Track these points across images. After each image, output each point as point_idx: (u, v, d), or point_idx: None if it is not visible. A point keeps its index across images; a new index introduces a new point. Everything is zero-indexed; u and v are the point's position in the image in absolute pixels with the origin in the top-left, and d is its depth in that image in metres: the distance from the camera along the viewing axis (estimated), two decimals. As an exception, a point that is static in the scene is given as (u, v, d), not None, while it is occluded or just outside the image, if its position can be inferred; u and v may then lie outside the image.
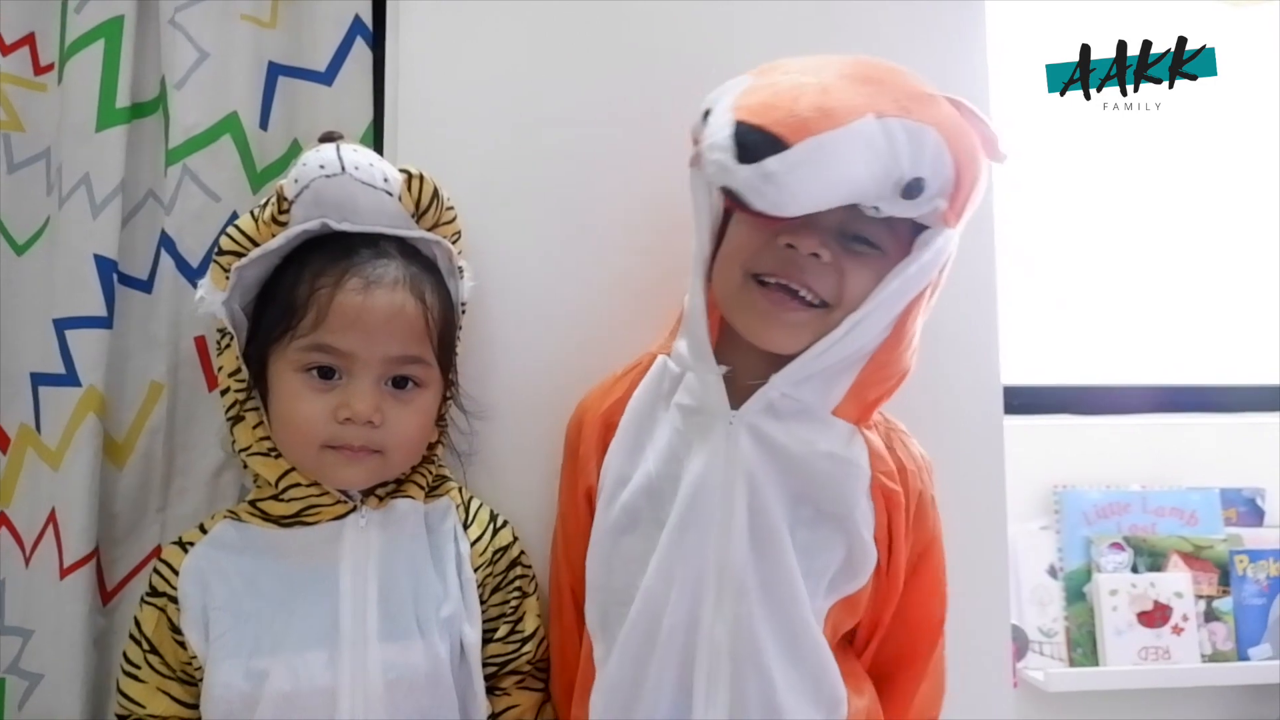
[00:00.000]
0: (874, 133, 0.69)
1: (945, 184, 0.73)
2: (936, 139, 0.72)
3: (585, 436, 0.84)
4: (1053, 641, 1.46)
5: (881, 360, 0.78)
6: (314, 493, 0.80)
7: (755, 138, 0.66)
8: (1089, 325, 1.65)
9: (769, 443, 0.77)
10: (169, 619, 0.80)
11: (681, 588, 0.75)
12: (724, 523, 0.75)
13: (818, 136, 0.67)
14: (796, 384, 0.77)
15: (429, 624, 0.79)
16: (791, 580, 0.75)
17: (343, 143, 0.81)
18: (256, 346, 0.81)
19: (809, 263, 0.74)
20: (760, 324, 0.76)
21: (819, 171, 0.68)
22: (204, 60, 0.95)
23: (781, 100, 0.68)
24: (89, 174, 0.91)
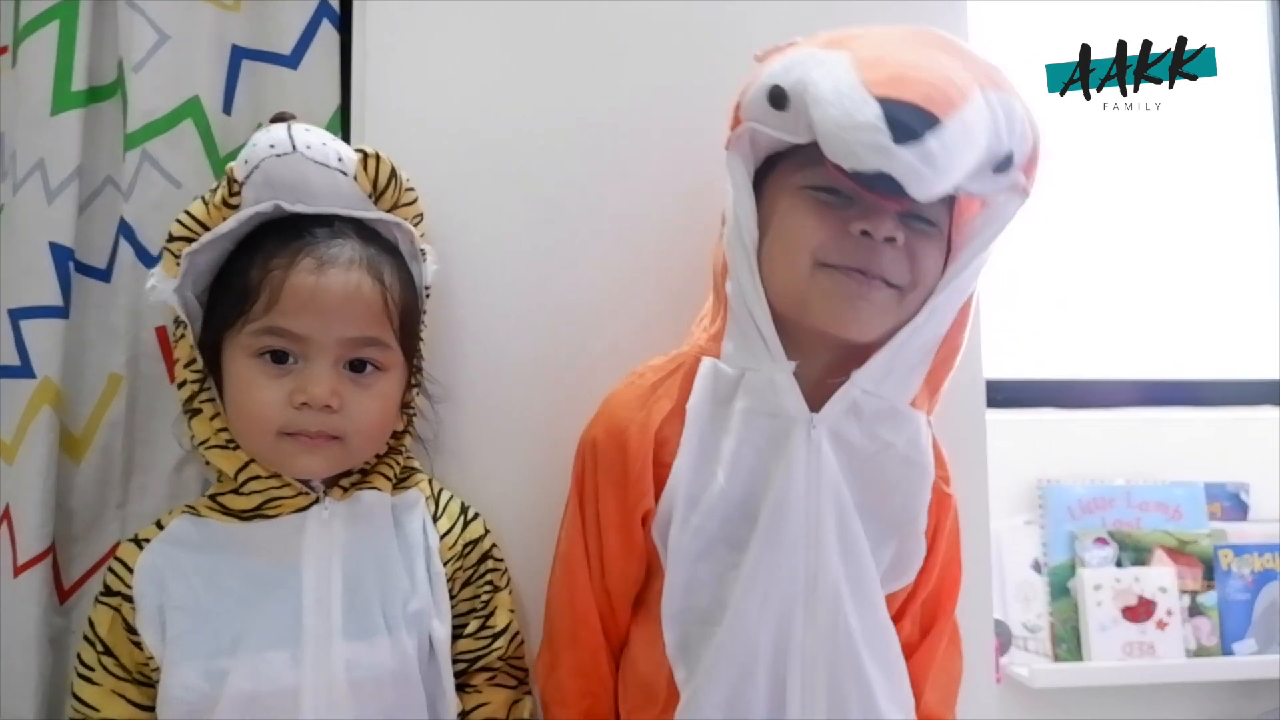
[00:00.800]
0: (982, 108, 0.66)
1: (1026, 156, 0.71)
2: (1023, 110, 0.69)
3: (635, 455, 0.76)
4: (1037, 637, 1.45)
5: (953, 342, 0.76)
6: (274, 485, 0.78)
7: (910, 114, 0.61)
8: (1074, 319, 1.65)
9: (848, 447, 0.74)
10: (124, 619, 0.77)
11: (772, 604, 0.73)
12: (813, 534, 0.73)
13: (960, 111, 0.62)
14: (879, 380, 0.74)
15: (396, 620, 0.77)
16: (874, 585, 0.74)
17: (295, 123, 0.78)
18: (210, 335, 0.78)
19: (885, 248, 0.71)
20: (842, 308, 0.72)
21: (965, 149, 0.63)
22: (164, 42, 0.92)
23: (910, 72, 0.63)
24: (44, 159, 0.88)
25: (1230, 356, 1.68)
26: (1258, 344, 1.68)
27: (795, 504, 0.72)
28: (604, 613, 0.80)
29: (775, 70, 0.70)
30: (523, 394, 0.89)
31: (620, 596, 0.80)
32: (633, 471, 0.77)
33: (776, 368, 0.74)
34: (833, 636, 0.73)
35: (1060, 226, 1.63)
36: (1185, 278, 1.67)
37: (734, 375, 0.75)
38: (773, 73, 0.70)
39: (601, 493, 0.79)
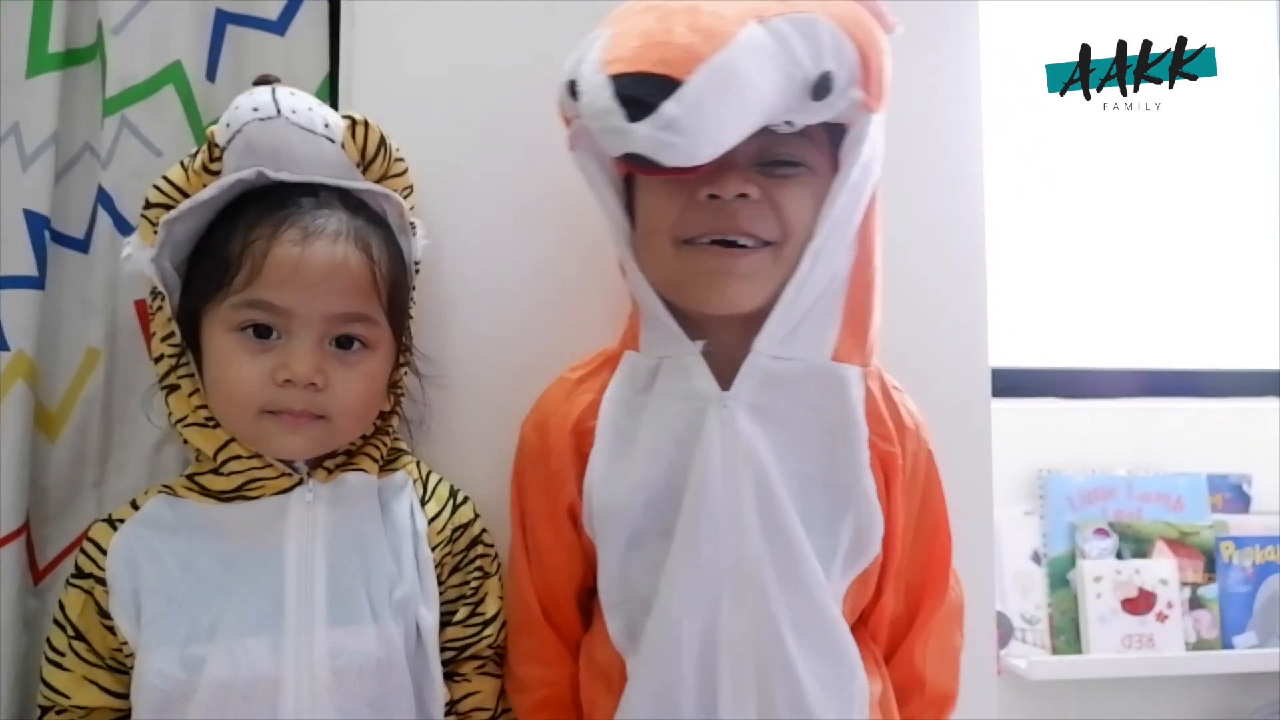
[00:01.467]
0: (763, 39, 0.61)
1: (853, 70, 0.66)
2: (829, 26, 0.64)
3: (555, 449, 0.76)
4: (1035, 629, 1.43)
5: (860, 283, 0.72)
6: (256, 465, 0.75)
7: (641, 87, 0.57)
8: (1076, 308, 1.63)
9: (774, 418, 0.70)
10: (96, 602, 0.74)
11: (696, 591, 0.70)
12: (733, 517, 0.69)
13: (708, 61, 0.58)
14: (784, 341, 0.70)
15: (382, 606, 0.74)
16: (808, 567, 0.70)
17: (279, 86, 0.75)
18: (189, 307, 0.75)
19: (739, 206, 0.67)
20: (711, 287, 0.69)
21: (724, 99, 0.59)
22: (144, 5, 0.88)
23: (653, 36, 0.59)
24: (19, 124, 0.85)
25: (1233, 347, 1.66)
26: (1261, 334, 1.66)
27: (714, 487, 0.69)
28: (546, 605, 0.79)
29: (569, 63, 0.67)
30: (514, 374, 0.86)
31: (559, 589, 0.79)
32: (554, 465, 0.76)
33: (684, 350, 0.71)
34: (756, 624, 0.69)
35: (1063, 216, 1.62)
36: (1188, 267, 1.66)
37: (652, 364, 0.74)
38: (567, 66, 0.67)
39: (529, 488, 0.79)
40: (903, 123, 0.94)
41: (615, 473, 0.73)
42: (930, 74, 0.97)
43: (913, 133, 0.95)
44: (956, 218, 0.97)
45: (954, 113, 0.98)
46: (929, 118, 0.97)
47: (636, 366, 0.74)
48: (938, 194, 0.97)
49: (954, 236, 0.97)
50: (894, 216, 0.94)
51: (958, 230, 0.97)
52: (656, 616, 0.70)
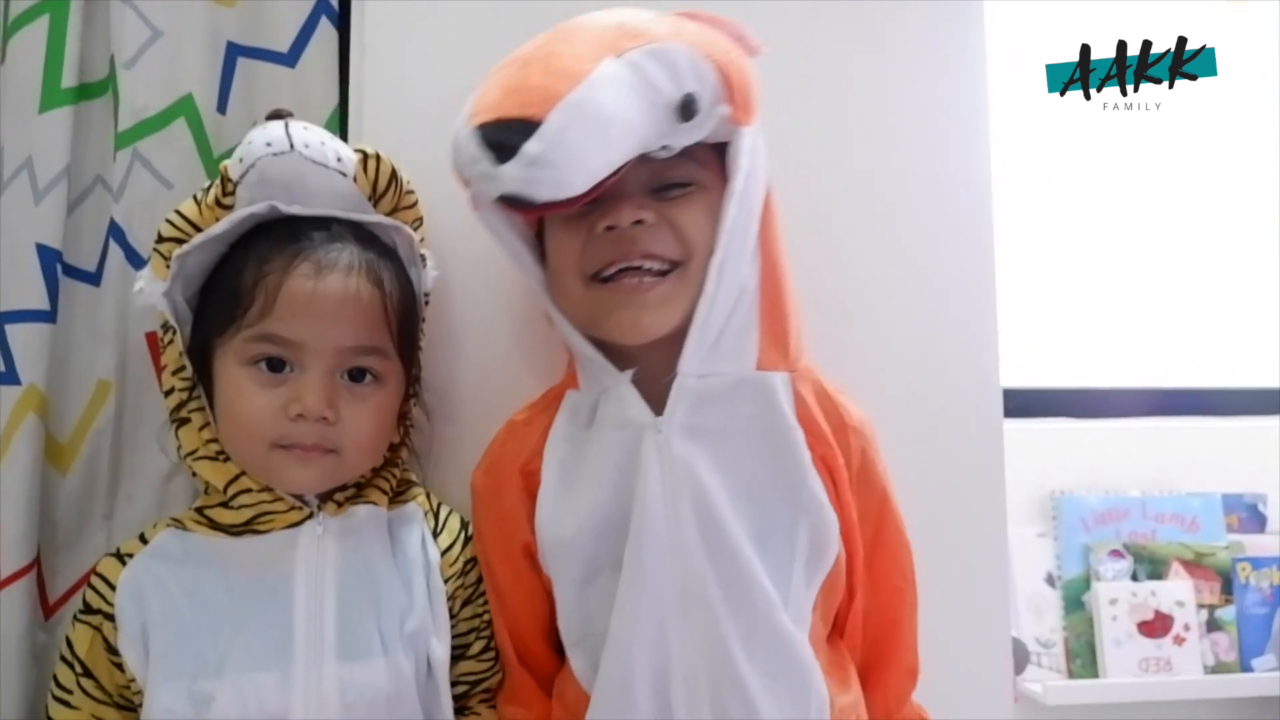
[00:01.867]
0: (619, 72, 0.63)
1: (716, 88, 0.68)
2: (684, 50, 0.66)
3: (506, 491, 0.77)
4: (1051, 652, 1.42)
5: (771, 292, 0.73)
6: (266, 499, 0.74)
7: (503, 132, 0.60)
8: (1088, 327, 1.62)
9: (711, 436, 0.71)
10: (104, 638, 0.74)
11: (644, 618, 0.69)
12: (675, 540, 0.69)
13: (566, 98, 0.60)
14: (706, 358, 0.71)
15: (392, 640, 0.73)
16: (755, 582, 0.69)
17: (292, 120, 0.76)
18: (200, 340, 0.75)
19: (638, 232, 0.69)
20: (624, 320, 0.70)
21: (586, 131, 0.61)
22: (156, 39, 0.89)
23: (510, 85, 0.62)
24: (32, 158, 0.85)
25: (1247, 364, 1.65)
26: (1275, 351, 1.65)
27: (655, 513, 0.70)
28: (517, 647, 0.79)
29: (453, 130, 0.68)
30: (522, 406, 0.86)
31: (526, 630, 0.79)
32: (506, 506, 0.77)
33: (616, 381, 0.72)
34: (707, 644, 0.69)
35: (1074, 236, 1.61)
36: (1201, 285, 1.65)
37: (592, 400, 0.75)
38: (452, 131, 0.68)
39: (486, 531, 0.79)
40: (908, 143, 0.95)
41: (563, 509, 0.74)
42: (937, 84, 0.97)
43: (918, 153, 0.96)
44: (965, 238, 0.97)
45: (961, 133, 0.98)
46: (935, 137, 0.97)
47: (578, 404, 0.76)
48: (946, 215, 0.97)
49: (963, 256, 0.97)
50: (902, 236, 0.95)
51: (966, 250, 0.97)
52: (609, 648, 0.70)
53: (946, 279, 0.96)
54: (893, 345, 0.94)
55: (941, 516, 0.89)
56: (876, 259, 0.95)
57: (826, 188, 0.94)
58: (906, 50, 0.97)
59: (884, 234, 0.95)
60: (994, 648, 0.97)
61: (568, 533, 0.73)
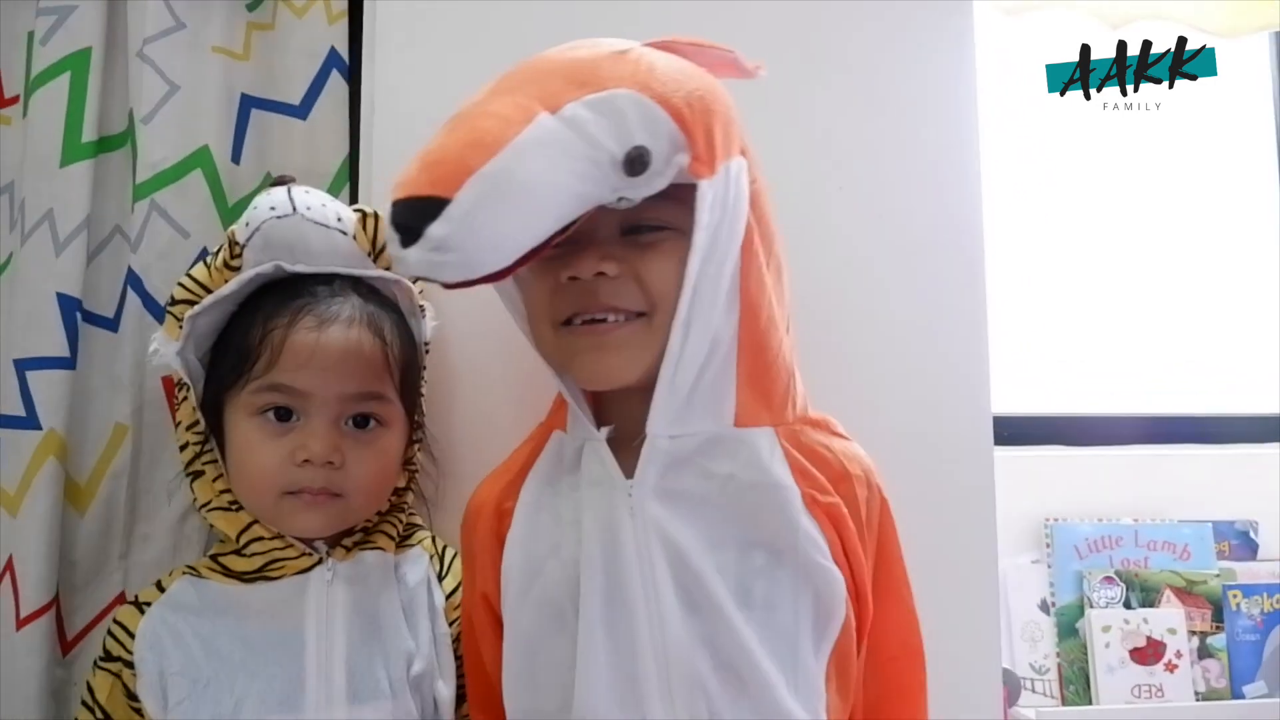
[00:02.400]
0: (549, 132, 0.58)
1: (672, 138, 0.61)
2: (633, 99, 0.60)
3: (477, 531, 0.72)
4: (1045, 679, 1.44)
5: (753, 345, 0.67)
6: (277, 546, 0.77)
7: (408, 212, 0.56)
8: (1080, 355, 1.64)
9: (686, 499, 0.66)
10: (124, 685, 0.77)
11: (619, 694, 0.64)
12: (651, 607, 0.64)
13: (479, 171, 0.56)
14: (678, 418, 0.65)
15: (400, 683, 0.76)
16: (751, 657, 0.64)
17: (295, 185, 0.79)
18: (213, 396, 0.78)
19: (599, 283, 0.65)
20: (589, 364, 0.66)
21: (500, 204, 0.56)
22: (174, 93, 0.92)
23: (430, 156, 0.58)
24: (53, 210, 0.88)
25: (1239, 392, 1.66)
26: (1266, 379, 1.67)
27: (628, 578, 0.64)
28: (491, 695, 0.73)
29: None
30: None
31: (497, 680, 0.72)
32: (476, 546, 0.74)
33: (593, 435, 0.68)
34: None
35: (1067, 261, 1.63)
36: (1194, 313, 1.66)
37: (577, 445, 0.70)
38: None
39: (463, 573, 0.78)
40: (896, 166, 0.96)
41: (535, 558, 0.69)
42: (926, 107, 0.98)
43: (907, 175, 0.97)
44: (956, 264, 0.98)
45: (951, 156, 0.99)
46: (924, 158, 0.98)
47: (563, 446, 0.71)
48: (935, 240, 0.98)
49: (954, 283, 0.98)
50: (892, 262, 0.96)
51: (957, 277, 0.98)
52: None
53: (937, 306, 0.98)
54: (883, 373, 0.95)
55: (933, 545, 0.88)
56: (865, 285, 0.96)
57: (811, 212, 0.93)
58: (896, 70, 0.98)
59: (872, 260, 0.96)
60: (985, 676, 0.99)
61: (538, 578, 0.68)
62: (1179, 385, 1.65)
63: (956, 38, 1.01)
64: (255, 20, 0.97)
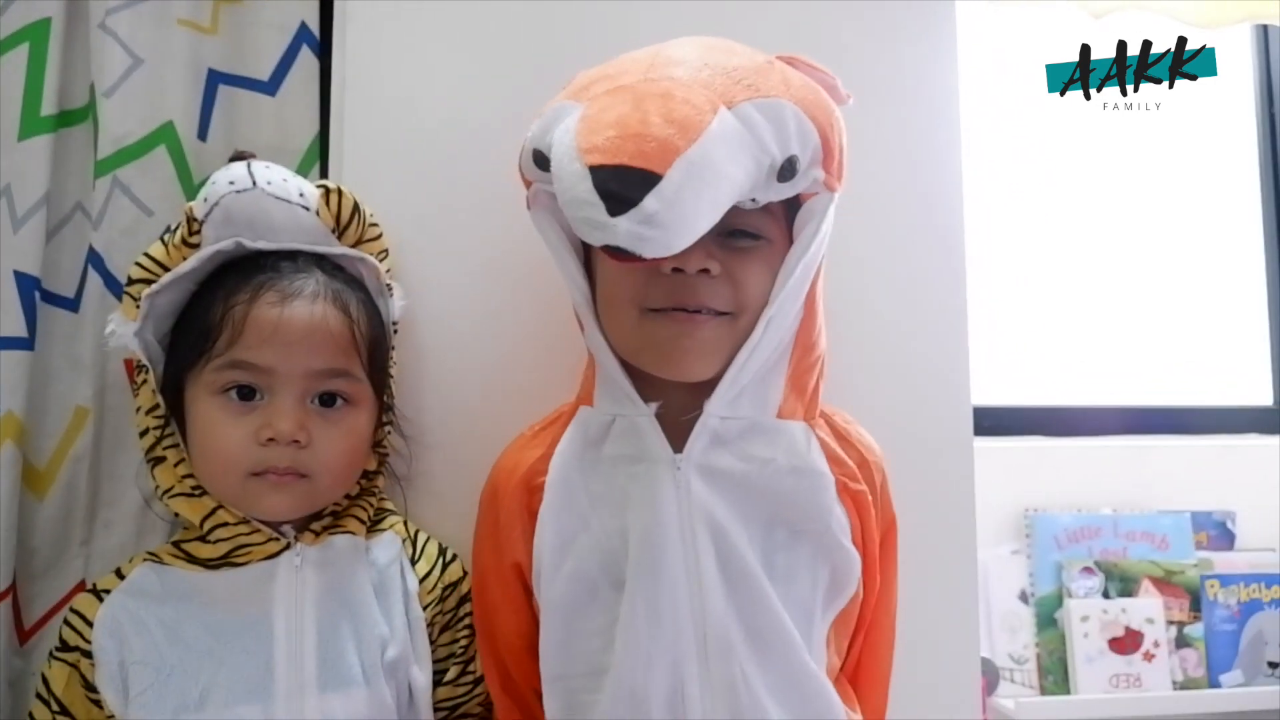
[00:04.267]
0: (733, 127, 0.62)
1: (816, 152, 0.68)
2: (793, 110, 0.66)
3: (504, 505, 0.75)
4: (1024, 669, 1.44)
5: (805, 345, 0.73)
6: (243, 531, 0.75)
7: (620, 181, 0.57)
8: (1060, 345, 1.64)
9: (725, 477, 0.71)
10: (82, 676, 0.74)
11: (659, 661, 0.68)
12: (692, 576, 0.68)
13: (685, 155, 0.58)
14: (732, 403, 0.71)
15: (374, 669, 0.74)
16: (779, 623, 0.69)
17: (254, 160, 0.77)
18: (173, 376, 0.76)
19: (700, 280, 0.68)
20: (671, 355, 0.70)
21: (700, 192, 0.60)
22: (137, 67, 0.90)
23: (630, 125, 0.59)
24: (10, 185, 0.86)
25: (1217, 383, 1.67)
26: (1245, 371, 1.68)
27: (669, 548, 0.69)
28: (500, 664, 0.78)
29: (534, 131, 0.68)
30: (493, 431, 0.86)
31: (513, 650, 0.77)
32: (502, 520, 0.76)
33: (638, 411, 0.71)
34: (733, 691, 0.68)
35: (1047, 252, 1.64)
36: (1172, 304, 1.67)
37: (605, 420, 0.73)
38: (532, 134, 0.69)
39: (482, 546, 0.79)
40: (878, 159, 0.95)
41: (567, 533, 0.72)
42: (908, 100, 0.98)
43: (888, 169, 0.96)
44: (936, 256, 0.98)
45: (931, 149, 0.99)
46: (905, 152, 0.98)
47: (590, 422, 0.74)
48: (916, 232, 0.98)
49: (934, 274, 0.98)
50: (871, 253, 0.96)
51: (938, 268, 0.98)
52: (618, 689, 0.68)
53: (918, 298, 0.97)
54: (864, 363, 0.94)
55: (912, 535, 0.88)
56: (846, 276, 0.93)
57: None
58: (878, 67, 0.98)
59: (853, 251, 0.94)
60: (964, 666, 0.98)
61: (570, 558, 0.71)
62: (1158, 377, 1.65)
63: (938, 30, 1.01)
64: (224, -7, 0.94)
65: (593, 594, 0.71)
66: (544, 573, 0.72)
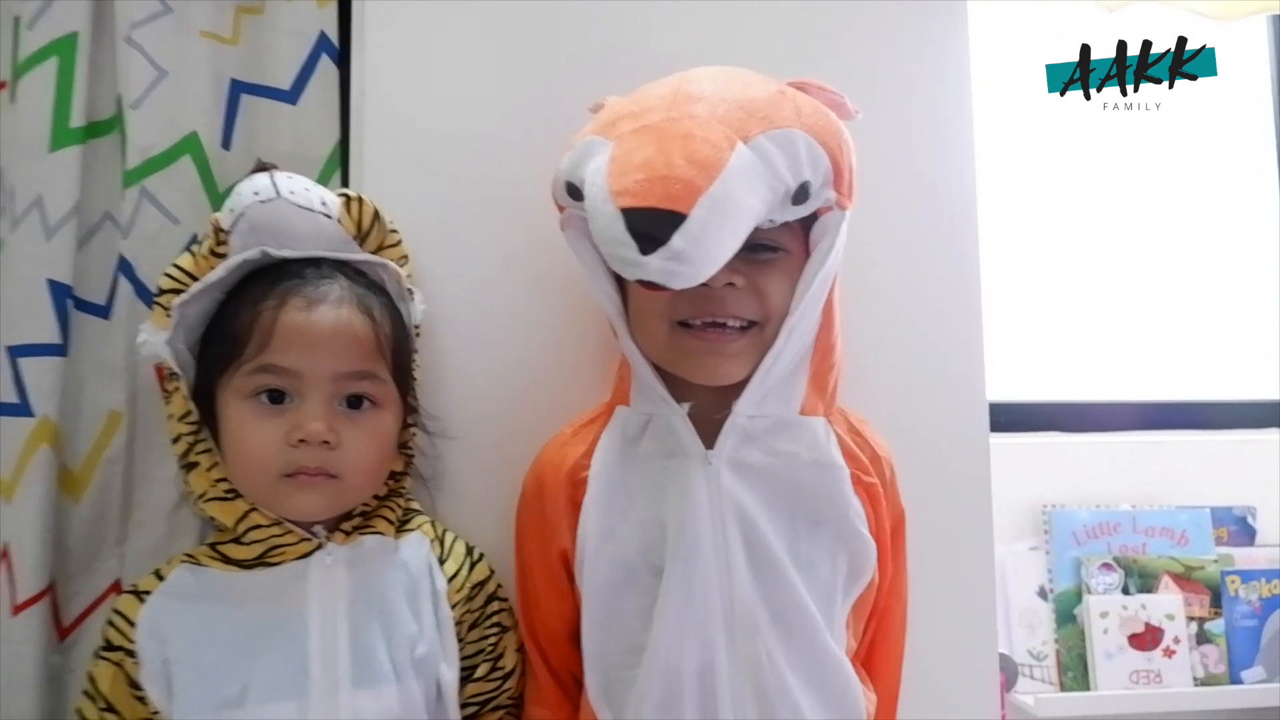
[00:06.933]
0: (749, 161, 0.68)
1: (826, 175, 0.73)
2: (804, 138, 0.71)
3: (550, 497, 0.81)
4: (1043, 665, 1.44)
5: (824, 347, 0.79)
6: (276, 532, 0.77)
7: (649, 222, 0.64)
8: (1077, 341, 1.64)
9: (752, 470, 0.76)
10: (126, 674, 0.76)
11: (691, 639, 0.74)
12: (722, 562, 0.74)
13: (708, 193, 0.64)
14: (759, 403, 0.77)
15: (404, 666, 0.76)
16: (801, 605, 0.75)
17: (277, 171, 0.79)
18: (204, 383, 0.78)
19: (726, 292, 0.74)
20: (703, 365, 0.76)
21: (722, 225, 0.66)
22: (162, 78, 0.92)
23: (656, 168, 0.65)
24: (42, 196, 0.88)
25: (1236, 378, 1.67)
26: (1263, 365, 1.67)
27: (701, 535, 0.74)
28: (545, 649, 0.84)
29: (566, 164, 0.74)
30: (513, 430, 0.89)
31: (556, 633, 0.82)
32: (548, 511, 0.81)
33: (671, 411, 0.77)
34: (757, 668, 0.73)
35: (1064, 249, 1.63)
36: (1190, 299, 1.67)
37: (642, 420, 0.79)
38: (565, 167, 0.74)
39: (527, 535, 0.84)
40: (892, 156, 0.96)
41: (608, 522, 0.78)
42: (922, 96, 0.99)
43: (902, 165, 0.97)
44: (950, 253, 0.99)
45: (945, 145, 1.00)
46: (919, 149, 0.99)
47: (627, 420, 0.80)
48: (930, 229, 0.99)
49: (948, 271, 0.99)
50: (886, 251, 0.97)
51: (952, 265, 0.99)
52: (653, 661, 0.74)
53: (933, 295, 0.98)
54: (879, 361, 0.95)
55: (929, 531, 0.90)
56: (861, 275, 0.94)
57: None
58: (890, 65, 0.99)
59: (867, 249, 0.95)
60: (981, 662, 0.99)
61: (612, 544, 0.77)
62: (1176, 371, 1.65)
63: (951, 27, 1.01)
64: (244, 4, 0.96)
65: (632, 578, 0.76)
66: (587, 559, 0.78)
